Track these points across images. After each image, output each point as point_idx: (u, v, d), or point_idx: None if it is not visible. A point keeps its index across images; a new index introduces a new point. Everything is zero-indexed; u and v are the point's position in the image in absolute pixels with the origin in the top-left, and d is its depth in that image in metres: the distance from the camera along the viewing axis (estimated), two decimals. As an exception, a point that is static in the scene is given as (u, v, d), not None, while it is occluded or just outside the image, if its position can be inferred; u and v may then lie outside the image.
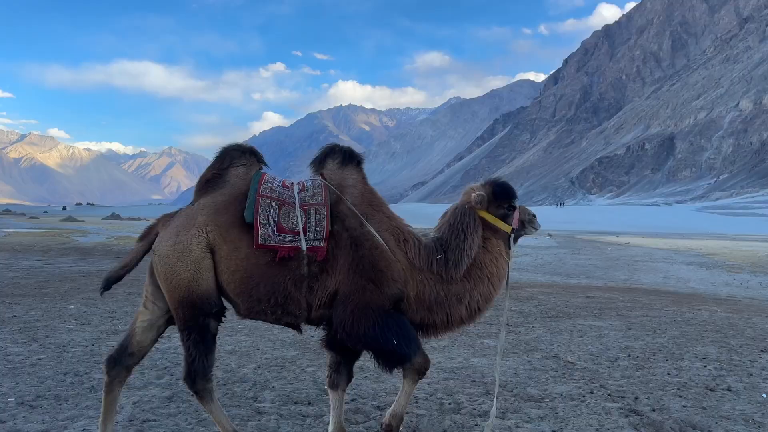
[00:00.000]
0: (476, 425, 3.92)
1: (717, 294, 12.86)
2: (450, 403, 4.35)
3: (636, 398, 4.57)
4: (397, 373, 3.27)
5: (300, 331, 3.40)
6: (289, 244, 3.16)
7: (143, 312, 3.35)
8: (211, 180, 3.37)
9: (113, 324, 6.93)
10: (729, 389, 4.90)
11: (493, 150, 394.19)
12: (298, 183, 3.42)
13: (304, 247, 3.17)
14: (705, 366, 5.67)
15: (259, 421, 3.93)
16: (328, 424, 3.52)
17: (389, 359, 3.23)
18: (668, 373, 5.38)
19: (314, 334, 6.66)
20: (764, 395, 4.74)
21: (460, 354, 5.94)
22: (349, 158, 3.50)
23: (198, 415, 3.96)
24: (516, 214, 3.58)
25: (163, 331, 3.42)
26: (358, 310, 3.16)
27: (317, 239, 3.20)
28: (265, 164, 3.50)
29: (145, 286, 3.37)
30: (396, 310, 3.29)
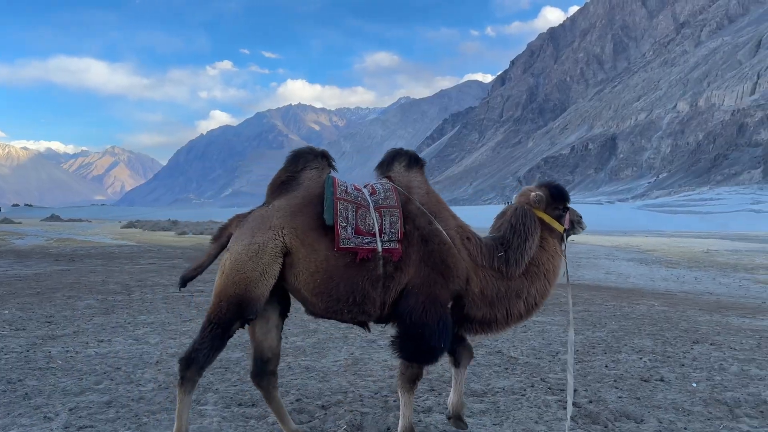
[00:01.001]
0: (420, 421, 3.97)
1: (655, 289, 13.35)
2: (395, 401, 4.37)
3: (575, 391, 4.71)
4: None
5: (369, 329, 3.52)
6: (367, 246, 3.26)
7: (257, 321, 3.38)
8: (285, 182, 3.43)
9: (50, 329, 6.70)
10: (662, 380, 5.10)
11: (442, 149, 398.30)
12: (366, 186, 3.54)
13: (380, 249, 3.27)
14: (641, 358, 5.89)
15: (201, 424, 3.87)
16: (399, 417, 3.54)
17: (424, 354, 3.33)
18: (606, 366, 5.56)
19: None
20: (694, 384, 4.96)
21: (406, 352, 5.99)
22: (415, 161, 3.67)
23: (137, 420, 3.88)
24: (568, 215, 3.79)
25: (282, 327, 3.51)
26: (429, 302, 3.28)
27: (392, 240, 3.31)
28: (335, 168, 3.58)
29: None
30: (458, 307, 3.46)
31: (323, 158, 3.53)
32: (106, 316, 7.53)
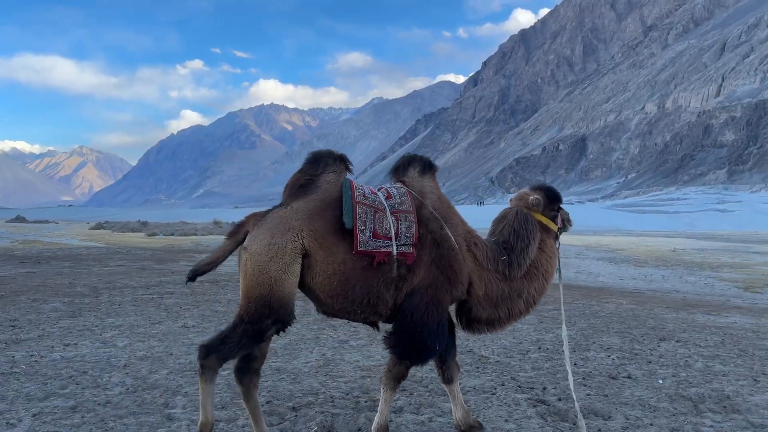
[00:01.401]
0: (391, 421, 3.97)
1: (624, 287, 13.56)
2: (366, 401, 4.38)
3: (544, 389, 4.76)
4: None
5: (378, 329, 3.59)
6: (384, 249, 3.35)
7: None
8: (304, 185, 3.48)
9: (14, 333, 6.55)
10: (629, 377, 5.19)
11: (415, 150, 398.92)
12: (380, 190, 3.62)
13: (395, 252, 3.36)
14: (609, 356, 5.98)
15: (170, 428, 3.82)
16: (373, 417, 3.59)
17: (417, 353, 3.42)
18: (575, 364, 5.63)
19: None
20: (660, 381, 5.05)
21: (378, 352, 5.99)
22: (428, 167, 3.79)
23: (103, 425, 3.81)
24: (560, 215, 4.00)
25: None
26: (433, 302, 3.40)
27: (407, 244, 3.41)
28: (351, 171, 3.63)
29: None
30: (465, 309, 3.65)
31: (341, 162, 3.60)
32: (73, 320, 7.39)
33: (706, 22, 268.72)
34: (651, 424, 3.99)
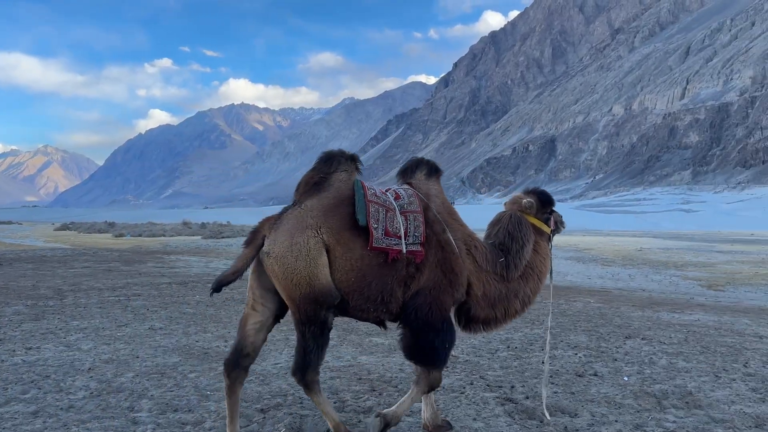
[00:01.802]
0: (359, 422, 3.97)
1: (591, 286, 13.76)
2: (335, 402, 4.37)
3: (512, 387, 4.81)
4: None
5: (386, 327, 3.69)
6: (395, 247, 3.44)
7: (253, 314, 3.49)
8: (318, 183, 3.54)
9: (-26, 337, 6.38)
10: (596, 374, 5.27)
11: (387, 150, 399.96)
12: (389, 191, 3.72)
13: (405, 250, 3.46)
14: (576, 354, 6.06)
15: (135, 431, 3.76)
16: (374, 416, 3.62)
17: (429, 356, 3.52)
18: (542, 362, 5.68)
19: (198, 339, 6.48)
20: (625, 378, 5.14)
21: (348, 352, 5.98)
22: (434, 171, 3.93)
23: (66, 430, 3.73)
24: (553, 217, 4.17)
25: (271, 330, 3.60)
26: (436, 303, 3.50)
27: (415, 243, 3.52)
28: (361, 171, 3.71)
29: (250, 290, 3.51)
30: (464, 309, 3.78)
31: (352, 161, 3.67)
32: (36, 323, 7.22)
33: (671, 26, 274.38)
34: (616, 421, 4.06)
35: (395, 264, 3.43)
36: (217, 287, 3.37)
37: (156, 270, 14.76)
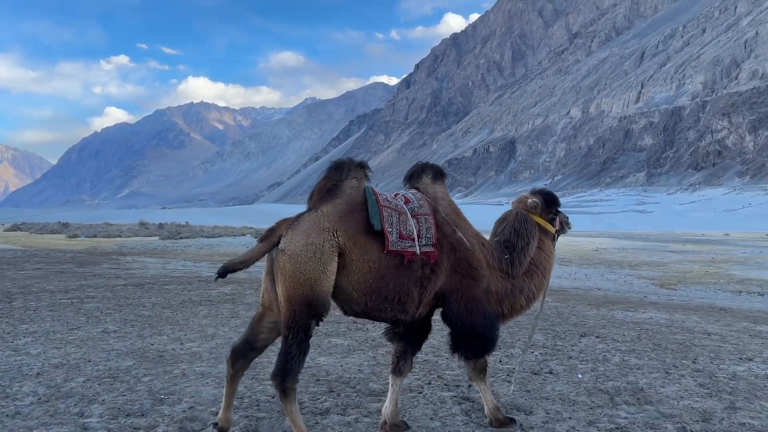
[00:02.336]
0: (317, 423, 3.95)
1: (549, 286, 13.98)
2: (292, 404, 4.33)
3: (469, 386, 4.85)
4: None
5: (401, 328, 3.80)
6: (410, 249, 3.57)
7: (269, 314, 3.61)
8: (331, 189, 3.66)
9: None
10: (551, 372, 5.35)
11: (349, 150, 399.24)
12: (398, 195, 3.84)
13: (419, 252, 3.58)
14: (532, 352, 6.15)
15: (85, 437, 3.66)
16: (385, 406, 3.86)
17: (485, 346, 3.78)
18: (500, 361, 5.76)
19: (153, 342, 6.35)
20: (579, 375, 5.24)
21: (308, 355, 5.93)
22: (440, 174, 4.06)
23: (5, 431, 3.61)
24: (558, 218, 4.34)
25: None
26: (470, 303, 3.70)
27: (428, 245, 3.65)
28: (369, 179, 3.85)
29: (265, 292, 3.59)
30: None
31: (361, 168, 3.81)
32: (-18, 327, 6.96)
33: (626, 32, 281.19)
34: (570, 418, 4.13)
35: (411, 265, 3.56)
36: (223, 272, 3.44)
37: (111, 271, 14.42)
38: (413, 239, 3.59)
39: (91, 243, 28.62)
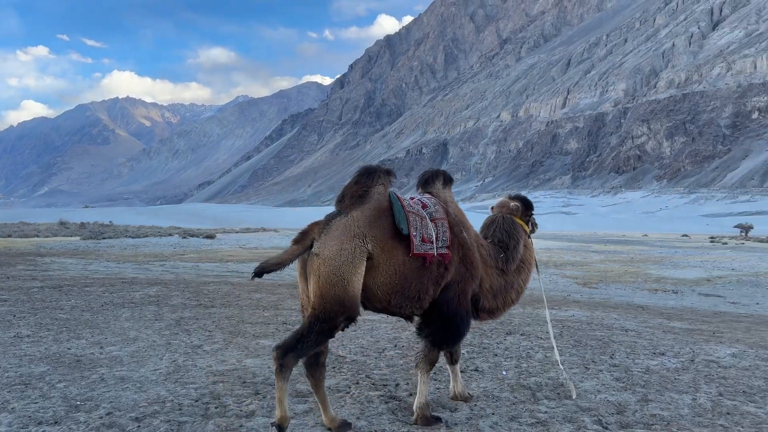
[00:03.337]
0: (241, 426, 3.88)
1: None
2: (216, 407, 4.24)
3: (397, 385, 4.88)
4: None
5: (413, 321, 4.10)
6: (430, 252, 3.86)
7: None
8: (362, 195, 3.89)
9: None
10: (477, 369, 5.46)
11: (281, 150, 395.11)
12: (413, 200, 4.11)
13: (436, 253, 3.89)
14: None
15: (-9, 448, 3.46)
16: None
17: (454, 337, 4.06)
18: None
19: (70, 346, 6.08)
20: (504, 372, 5.37)
21: (233, 356, 5.83)
22: (449, 180, 4.47)
23: None
24: (531, 220, 4.87)
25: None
26: (462, 294, 4.04)
27: (444, 246, 3.95)
28: (393, 185, 4.12)
29: (302, 293, 3.82)
30: (473, 301, 4.25)
31: (388, 175, 4.07)
32: None
33: (554, 39, 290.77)
34: (493, 414, 4.22)
35: (431, 266, 3.86)
36: (259, 273, 3.57)
37: (27, 273, 13.72)
38: (432, 242, 3.89)
39: (4, 243, 27.10)
